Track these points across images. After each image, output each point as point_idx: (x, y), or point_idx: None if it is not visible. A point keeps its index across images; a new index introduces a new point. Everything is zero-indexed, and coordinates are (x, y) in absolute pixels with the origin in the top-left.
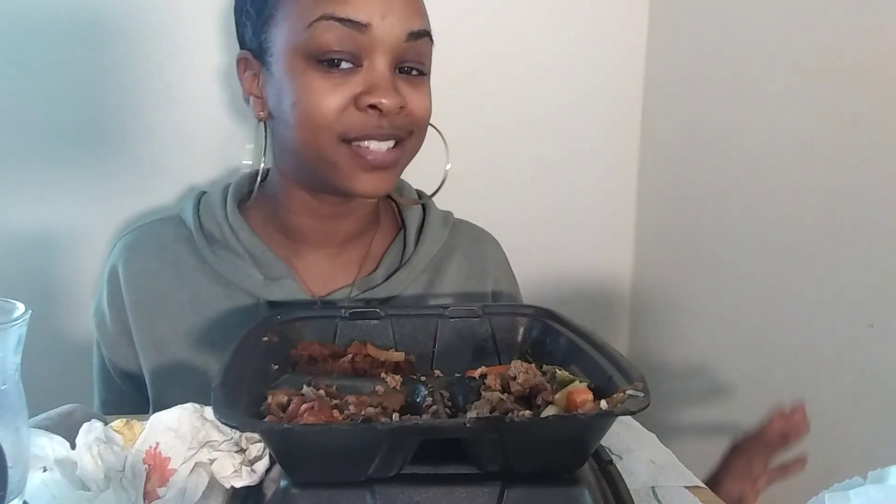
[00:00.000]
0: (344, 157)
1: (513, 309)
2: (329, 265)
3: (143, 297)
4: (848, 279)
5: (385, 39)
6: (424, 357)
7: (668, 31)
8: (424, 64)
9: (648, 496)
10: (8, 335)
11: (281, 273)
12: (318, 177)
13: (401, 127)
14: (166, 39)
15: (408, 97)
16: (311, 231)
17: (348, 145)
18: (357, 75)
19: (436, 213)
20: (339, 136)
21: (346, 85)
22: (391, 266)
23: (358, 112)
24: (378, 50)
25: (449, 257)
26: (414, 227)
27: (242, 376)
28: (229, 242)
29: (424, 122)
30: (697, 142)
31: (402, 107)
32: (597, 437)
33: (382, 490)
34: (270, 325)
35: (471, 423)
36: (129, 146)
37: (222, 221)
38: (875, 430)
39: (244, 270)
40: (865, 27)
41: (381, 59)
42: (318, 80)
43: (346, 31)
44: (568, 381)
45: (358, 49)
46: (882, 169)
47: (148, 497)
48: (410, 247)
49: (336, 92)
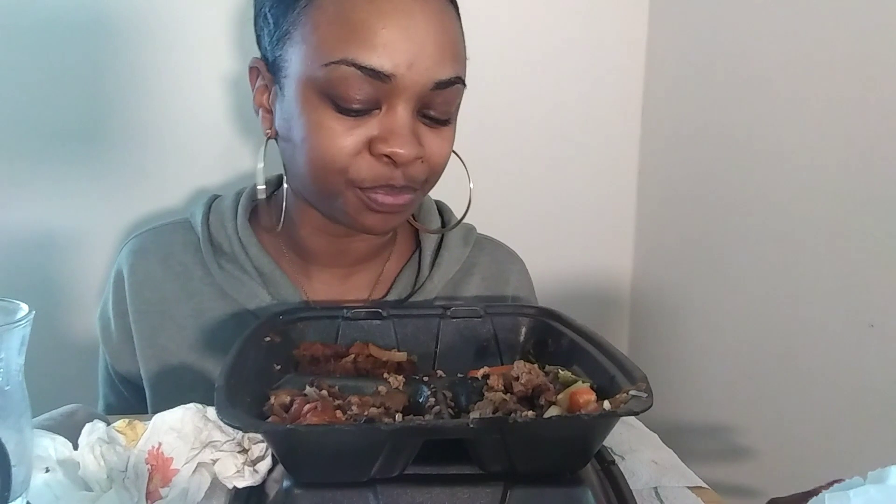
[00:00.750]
0: (351, 199)
1: (515, 309)
2: (339, 287)
3: (146, 306)
4: (848, 279)
5: (410, 89)
6: (426, 357)
7: (668, 31)
8: (451, 112)
9: (651, 496)
10: (11, 336)
11: (289, 294)
12: (324, 208)
13: (415, 178)
14: (169, 41)
15: (427, 145)
16: (322, 250)
17: (358, 189)
18: (374, 119)
19: (455, 232)
20: (350, 182)
21: (362, 128)
22: (403, 291)
23: (371, 159)
24: (401, 98)
25: (466, 278)
26: (430, 250)
27: (245, 377)
28: (237, 257)
29: (441, 169)
30: (697, 142)
31: (419, 157)
32: (600, 438)
33: (385, 490)
34: (273, 325)
35: (474, 424)
36: (132, 147)
37: (231, 234)
38: (875, 430)
39: (251, 289)
40: (866, 26)
41: (402, 106)
42: (331, 121)
43: (368, 80)
44: (570, 381)
45: (378, 96)
46: (882, 169)
47: (150, 497)
48: (425, 272)
49: (350, 135)
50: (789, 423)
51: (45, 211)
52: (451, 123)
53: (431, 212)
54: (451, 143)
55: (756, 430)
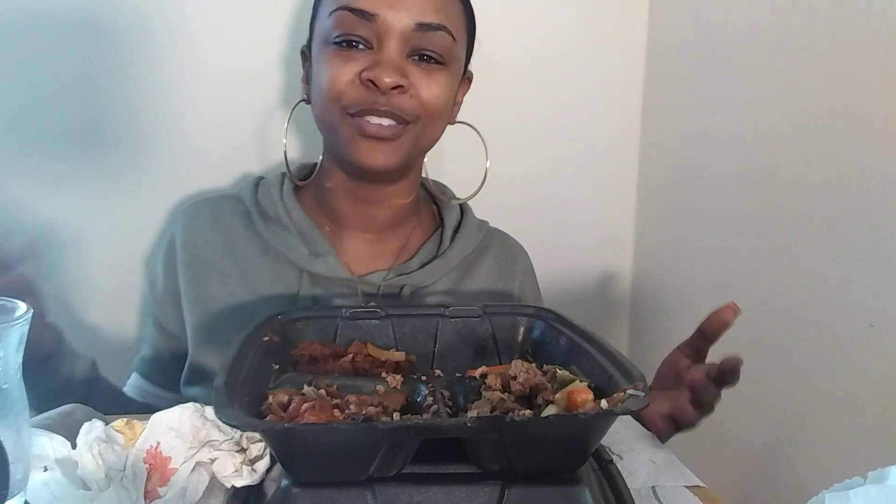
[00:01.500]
0: (346, 128)
1: (513, 309)
2: (368, 250)
3: (195, 259)
4: (848, 279)
5: (393, 27)
6: (425, 357)
7: (668, 31)
8: (442, 55)
9: (649, 496)
10: (10, 334)
11: (325, 250)
12: (333, 150)
13: (402, 108)
14: (170, 41)
15: (416, 81)
16: (350, 214)
17: (351, 118)
18: (367, 55)
19: (472, 218)
20: (344, 109)
21: (356, 62)
22: (426, 258)
23: (360, 85)
24: (387, 36)
25: (481, 258)
26: (451, 227)
27: (244, 376)
28: (282, 219)
29: (433, 110)
30: (697, 142)
31: (399, 85)
32: (597, 437)
33: (383, 489)
34: (271, 325)
35: (472, 423)
36: (132, 147)
37: (277, 201)
38: (875, 430)
39: (292, 244)
40: (866, 26)
41: (390, 43)
42: (333, 57)
43: (357, 20)
44: (568, 380)
45: (370, 35)
46: (882, 168)
47: (149, 496)
48: (446, 243)
49: (345, 66)
50: (789, 422)
51: (45, 211)
52: (444, 69)
53: (452, 194)
54: (441, 86)
55: (755, 430)
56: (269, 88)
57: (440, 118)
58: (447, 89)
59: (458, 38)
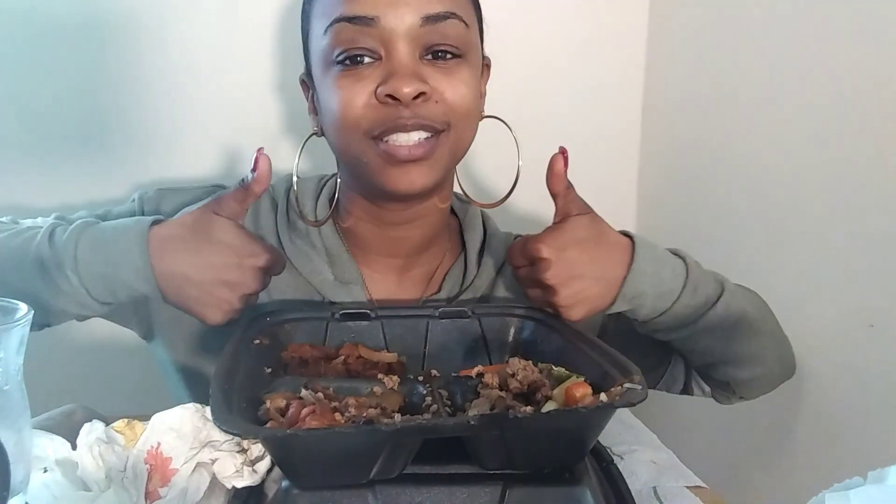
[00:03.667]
0: (373, 155)
1: (503, 309)
2: (395, 280)
3: None
4: (848, 279)
5: (398, 28)
6: (415, 358)
7: (668, 31)
8: (458, 47)
9: (650, 496)
10: (10, 335)
11: (352, 277)
12: (359, 179)
13: (429, 117)
14: (171, 41)
15: (438, 84)
16: (374, 239)
17: (376, 142)
18: (378, 68)
19: (497, 235)
20: (366, 134)
21: (367, 79)
22: (452, 289)
23: (379, 105)
24: (394, 40)
25: (505, 272)
26: (475, 251)
27: (238, 382)
28: (310, 234)
29: (463, 111)
30: (697, 142)
31: (422, 93)
32: (597, 431)
33: (384, 490)
34: (260, 327)
35: (475, 421)
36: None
37: (309, 213)
38: (875, 430)
39: (316, 266)
40: (866, 28)
41: (399, 48)
42: (339, 80)
43: (357, 29)
44: (565, 377)
45: (375, 43)
46: (882, 169)
47: (149, 497)
48: (472, 269)
49: (357, 87)
50: (789, 422)
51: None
52: (463, 62)
53: (476, 217)
54: (466, 83)
55: (756, 430)
56: (274, 89)
57: (472, 118)
58: (472, 85)
59: (470, 23)
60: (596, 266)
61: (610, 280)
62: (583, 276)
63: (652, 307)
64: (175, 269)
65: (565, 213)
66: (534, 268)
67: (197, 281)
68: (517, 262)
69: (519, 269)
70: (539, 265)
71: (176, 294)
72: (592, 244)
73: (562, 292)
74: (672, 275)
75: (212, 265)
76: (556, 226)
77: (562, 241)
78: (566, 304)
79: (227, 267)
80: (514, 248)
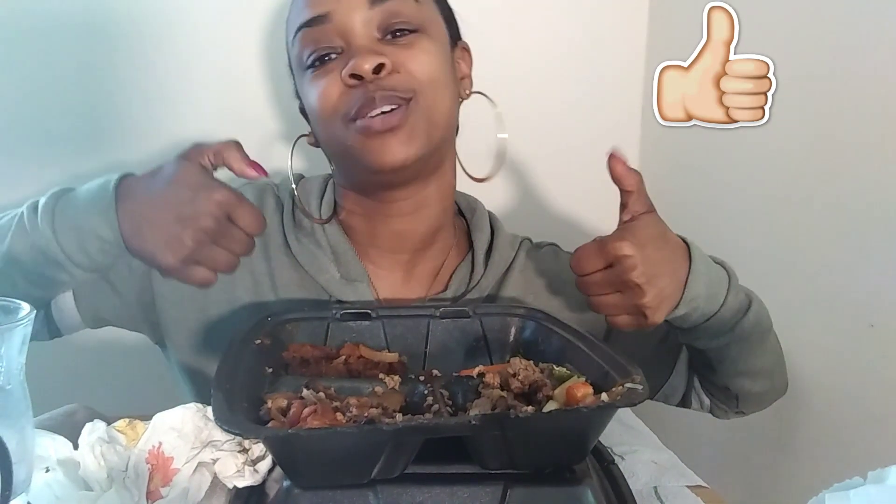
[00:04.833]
0: (353, 135)
1: (504, 309)
2: (401, 277)
3: None
4: (848, 279)
5: (348, 15)
6: (416, 358)
7: (668, 31)
8: (411, 21)
9: (651, 496)
10: (13, 335)
11: (357, 275)
12: (350, 170)
13: (394, 87)
14: (171, 41)
15: (398, 59)
16: (377, 234)
17: (353, 123)
18: (342, 58)
19: (504, 236)
20: (344, 118)
21: (335, 70)
22: (459, 288)
23: (350, 90)
24: (349, 29)
25: (511, 273)
26: (482, 250)
27: (240, 381)
28: (315, 232)
29: (426, 78)
30: (697, 142)
31: (381, 64)
32: (598, 431)
33: (385, 490)
34: (262, 327)
35: (476, 421)
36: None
37: (314, 210)
38: (875, 430)
39: (322, 264)
40: (866, 28)
41: (355, 33)
42: (313, 80)
43: (316, 30)
44: (566, 376)
45: (334, 39)
46: (882, 169)
47: (151, 497)
48: (479, 269)
49: (327, 79)
50: (789, 422)
51: None
52: (422, 35)
53: (483, 218)
54: (427, 51)
55: (756, 431)
56: (273, 89)
57: (440, 86)
58: (434, 54)
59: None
60: (669, 265)
61: (679, 280)
62: (663, 275)
63: (703, 311)
64: (135, 210)
65: (634, 212)
66: (613, 270)
67: (151, 219)
68: (589, 266)
69: (590, 276)
70: (623, 264)
71: (135, 237)
72: (662, 242)
73: (649, 292)
74: (718, 277)
75: (166, 202)
76: (628, 224)
77: (641, 239)
78: (653, 304)
79: (180, 202)
80: (584, 252)
